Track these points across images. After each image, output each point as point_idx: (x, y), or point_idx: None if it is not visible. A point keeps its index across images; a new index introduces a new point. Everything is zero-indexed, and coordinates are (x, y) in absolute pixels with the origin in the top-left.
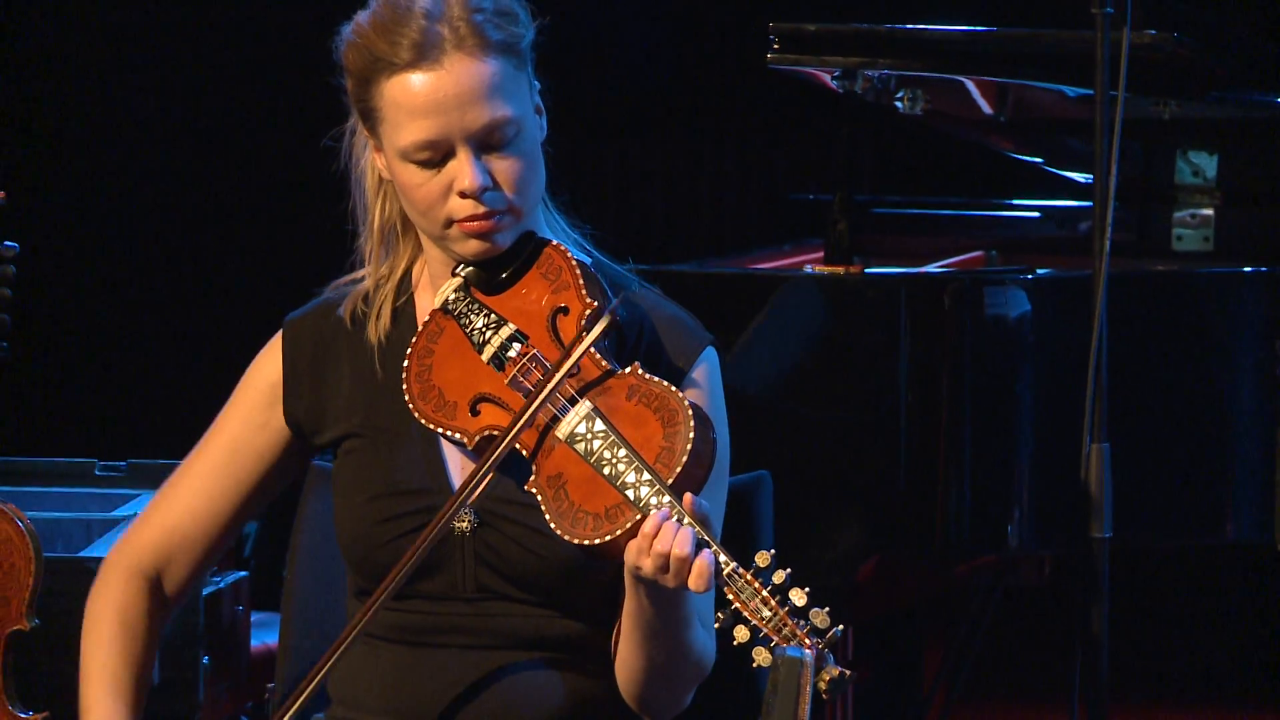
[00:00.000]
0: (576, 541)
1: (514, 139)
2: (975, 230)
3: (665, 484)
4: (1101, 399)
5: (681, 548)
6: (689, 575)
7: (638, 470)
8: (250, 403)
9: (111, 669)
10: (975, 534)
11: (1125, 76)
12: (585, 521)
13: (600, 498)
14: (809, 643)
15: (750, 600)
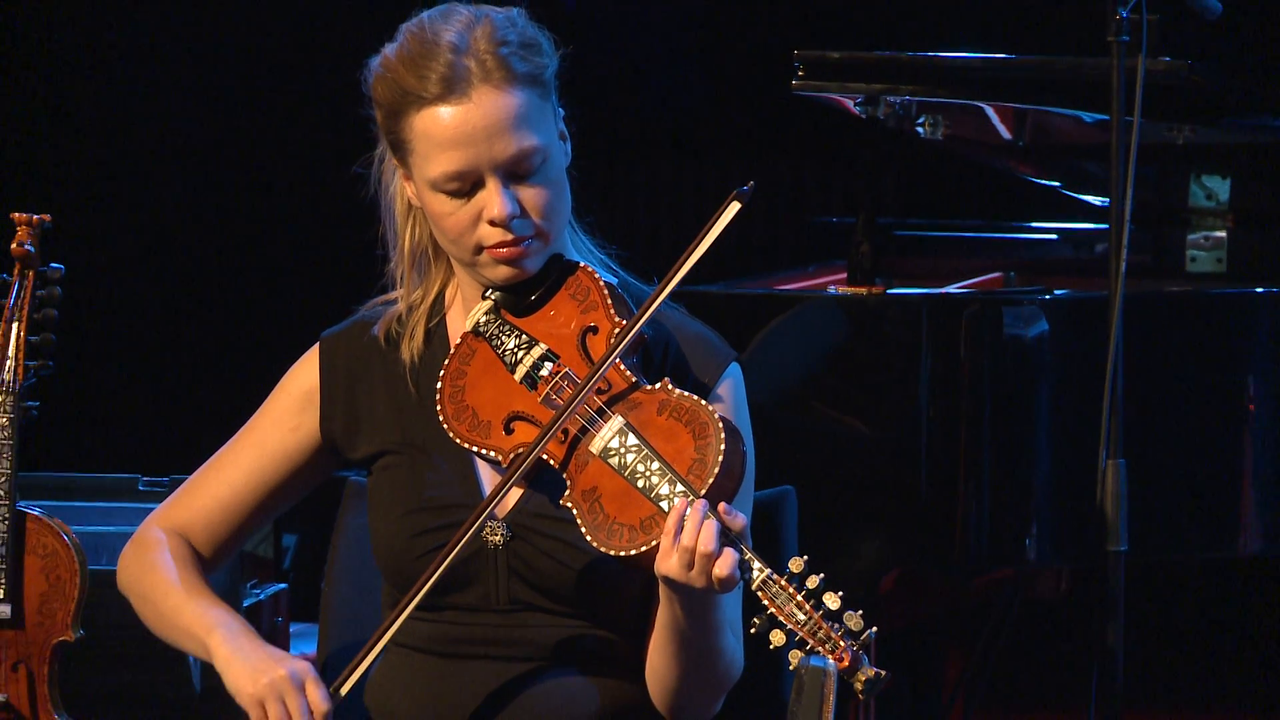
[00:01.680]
0: (613, 553)
1: (541, 167)
2: (994, 252)
3: (699, 495)
4: (1118, 416)
5: (706, 544)
6: (714, 569)
7: (671, 482)
8: (283, 406)
9: (199, 584)
10: (994, 547)
11: (1141, 102)
12: (621, 533)
13: (635, 510)
14: (843, 644)
15: (785, 605)
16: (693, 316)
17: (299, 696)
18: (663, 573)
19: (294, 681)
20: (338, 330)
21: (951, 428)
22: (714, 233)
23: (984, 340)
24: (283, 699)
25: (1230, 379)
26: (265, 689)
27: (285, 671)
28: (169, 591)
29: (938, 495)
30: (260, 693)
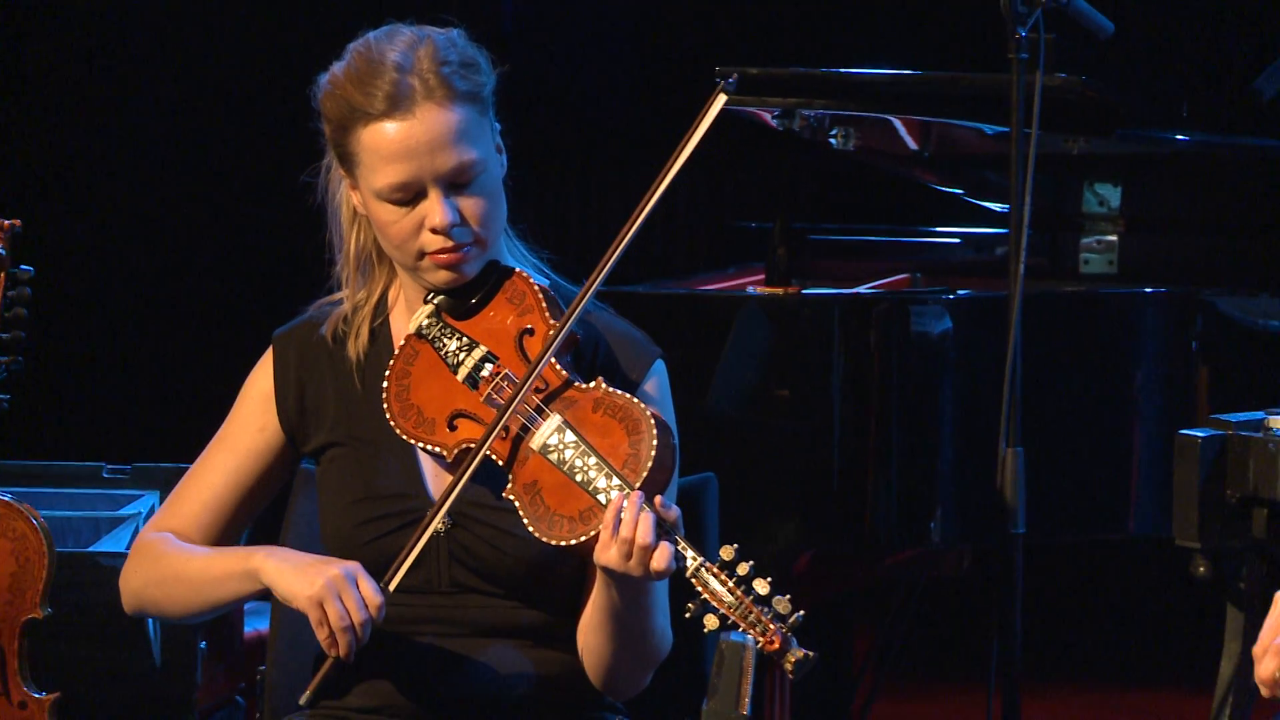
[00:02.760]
0: (554, 543)
1: (479, 178)
2: (901, 255)
3: (634, 488)
4: (1016, 407)
5: (644, 537)
6: (651, 560)
7: (607, 476)
8: (248, 410)
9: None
10: (901, 530)
11: (1038, 115)
12: (561, 524)
13: (574, 502)
14: (773, 627)
15: (718, 591)
16: (620, 316)
17: (354, 591)
18: (602, 563)
19: (348, 578)
20: (288, 329)
21: (862, 419)
22: (705, 123)
23: (892, 337)
24: (340, 595)
25: (1120, 373)
26: (323, 589)
27: (339, 570)
28: (190, 558)
29: (849, 481)
30: (318, 593)
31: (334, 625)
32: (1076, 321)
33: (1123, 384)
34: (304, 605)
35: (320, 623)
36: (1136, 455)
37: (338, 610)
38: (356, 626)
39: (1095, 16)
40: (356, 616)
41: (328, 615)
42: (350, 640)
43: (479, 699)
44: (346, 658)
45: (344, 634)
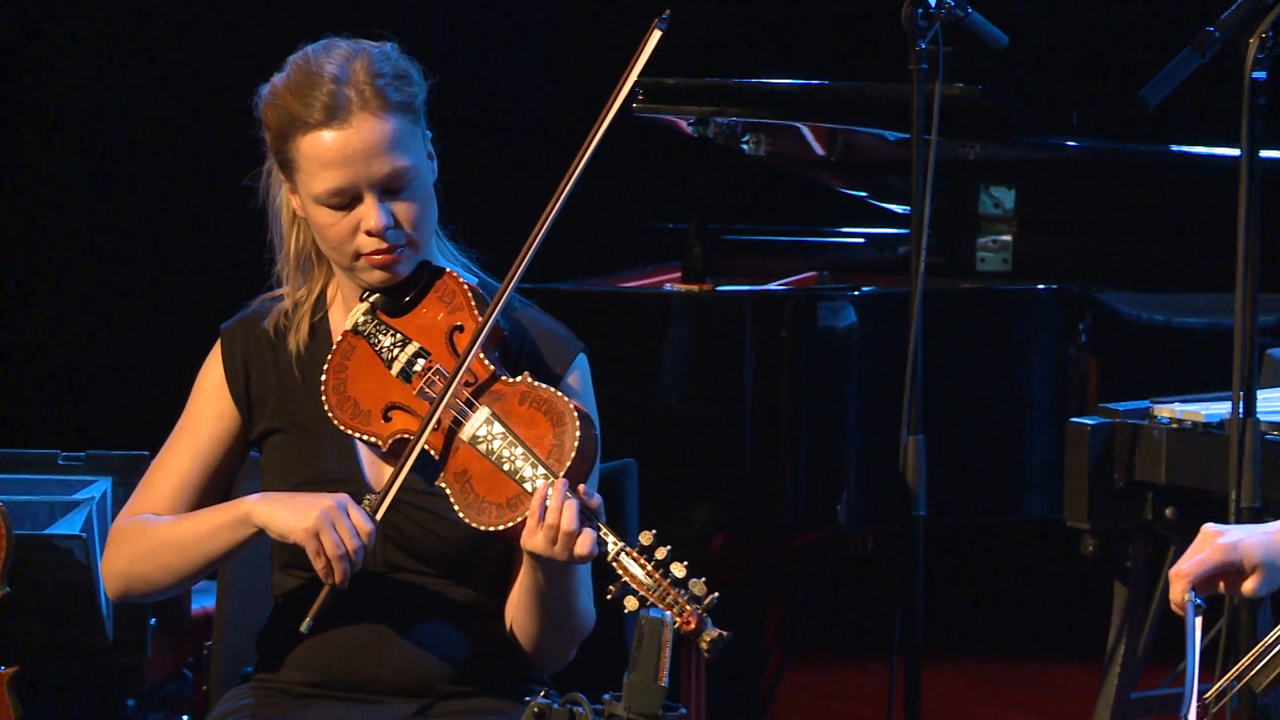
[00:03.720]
0: (483, 528)
1: (412, 184)
2: (810, 254)
3: (558, 476)
4: (917, 397)
5: (568, 524)
6: (575, 546)
7: (533, 465)
8: (204, 401)
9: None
10: (809, 512)
11: (937, 123)
12: (490, 511)
13: (502, 490)
14: (690, 609)
15: (638, 575)
16: (544, 313)
17: (347, 520)
18: (529, 549)
19: (340, 509)
20: (233, 322)
21: (773, 408)
22: (642, 59)
23: (801, 331)
24: (334, 525)
25: (1015, 365)
26: (317, 520)
27: (331, 502)
28: (175, 524)
29: (761, 467)
30: (313, 525)
31: (330, 554)
32: (973, 317)
33: (1017, 375)
34: (301, 538)
35: (317, 553)
36: (1030, 442)
37: (333, 539)
38: (351, 554)
39: (990, 30)
40: (350, 544)
41: (324, 545)
42: (346, 568)
43: (412, 673)
44: (342, 584)
45: (339, 562)
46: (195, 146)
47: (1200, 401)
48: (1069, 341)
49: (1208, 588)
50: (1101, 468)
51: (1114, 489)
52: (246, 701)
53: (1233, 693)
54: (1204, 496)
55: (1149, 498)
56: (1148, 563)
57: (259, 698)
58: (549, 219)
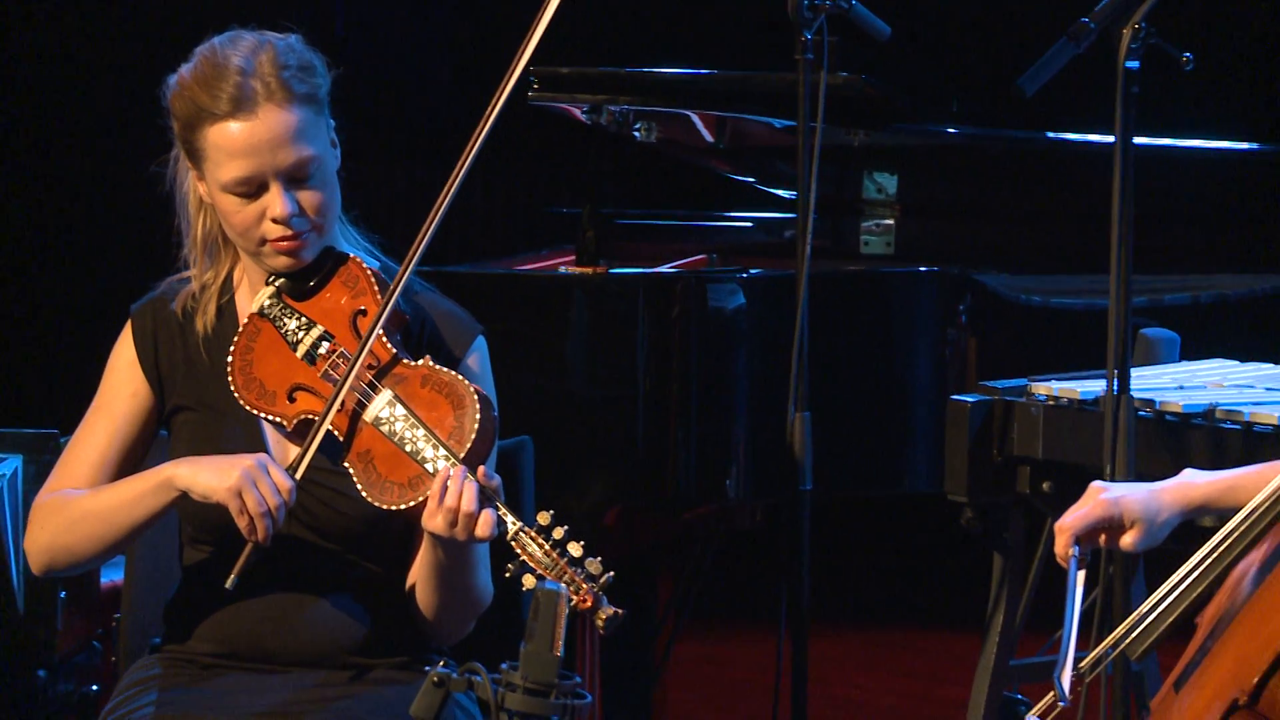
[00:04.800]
0: (385, 507)
1: (316, 172)
2: (700, 237)
3: (458, 458)
4: (803, 375)
5: (468, 505)
6: (475, 527)
7: (434, 447)
8: (117, 380)
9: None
10: (700, 487)
11: (823, 111)
12: (392, 490)
13: (403, 470)
14: (586, 587)
15: (535, 553)
16: (444, 296)
17: (268, 479)
18: (430, 529)
19: (261, 467)
20: (142, 303)
21: (664, 386)
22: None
23: (691, 312)
24: (255, 484)
25: (897, 344)
26: (239, 479)
27: (251, 462)
28: (97, 494)
29: (653, 443)
30: (235, 484)
31: (253, 511)
32: (858, 298)
33: (900, 354)
34: (224, 497)
35: (240, 511)
36: (912, 418)
37: (255, 497)
38: (273, 510)
39: (874, 20)
40: (272, 501)
41: (246, 503)
42: (268, 524)
43: (316, 644)
44: (264, 541)
45: (262, 519)
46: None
47: (1076, 379)
48: (949, 322)
49: (1090, 541)
50: (981, 443)
51: (993, 464)
52: (155, 672)
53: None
54: (1079, 471)
55: (1026, 472)
56: (1025, 535)
57: (166, 668)
58: (444, 204)
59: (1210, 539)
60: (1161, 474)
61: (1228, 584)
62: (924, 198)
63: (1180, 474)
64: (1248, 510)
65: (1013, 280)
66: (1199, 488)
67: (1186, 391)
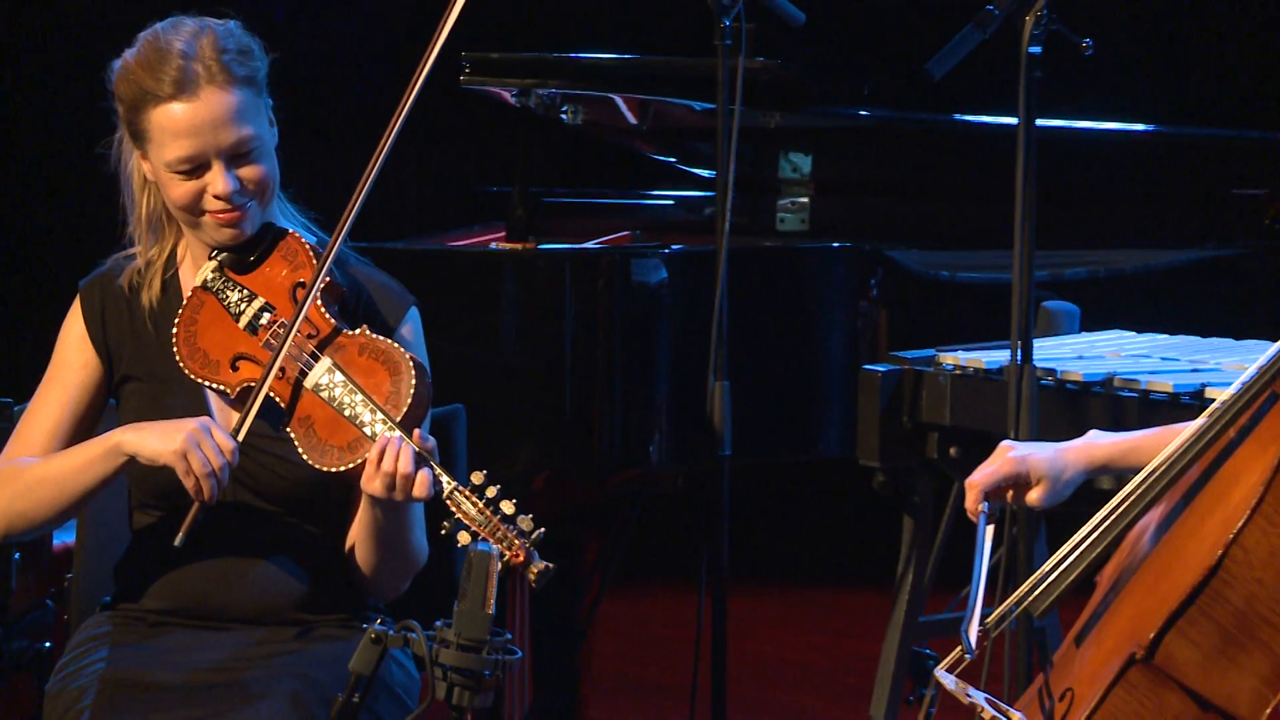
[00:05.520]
0: (326, 469)
1: (255, 150)
2: (624, 215)
3: (395, 421)
4: (723, 346)
5: (405, 468)
6: (412, 488)
7: (372, 411)
8: (68, 352)
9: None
10: (624, 453)
11: (741, 94)
12: (332, 453)
13: (343, 434)
14: (518, 543)
15: (469, 511)
16: (378, 268)
17: (211, 440)
18: (370, 492)
19: (204, 429)
20: (90, 278)
21: (590, 357)
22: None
23: (616, 286)
24: (199, 445)
25: (812, 316)
26: (184, 441)
27: (195, 424)
28: (49, 461)
29: (579, 411)
30: (181, 446)
31: (198, 472)
32: (774, 273)
33: (814, 326)
34: (170, 459)
35: (186, 472)
36: (826, 387)
37: (200, 458)
38: (217, 471)
39: (789, 8)
40: (216, 462)
41: (191, 464)
42: (213, 484)
43: (258, 603)
44: (210, 500)
45: (207, 479)
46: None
47: (981, 350)
48: (861, 295)
49: (998, 497)
50: (891, 411)
51: (903, 430)
52: (105, 629)
53: (1012, 616)
54: (985, 437)
55: (935, 438)
56: (934, 498)
57: (116, 625)
58: (369, 179)
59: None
60: (1062, 439)
61: (1126, 544)
62: (837, 177)
63: (1085, 435)
64: (1146, 472)
65: (922, 255)
66: (1102, 448)
67: (1086, 361)
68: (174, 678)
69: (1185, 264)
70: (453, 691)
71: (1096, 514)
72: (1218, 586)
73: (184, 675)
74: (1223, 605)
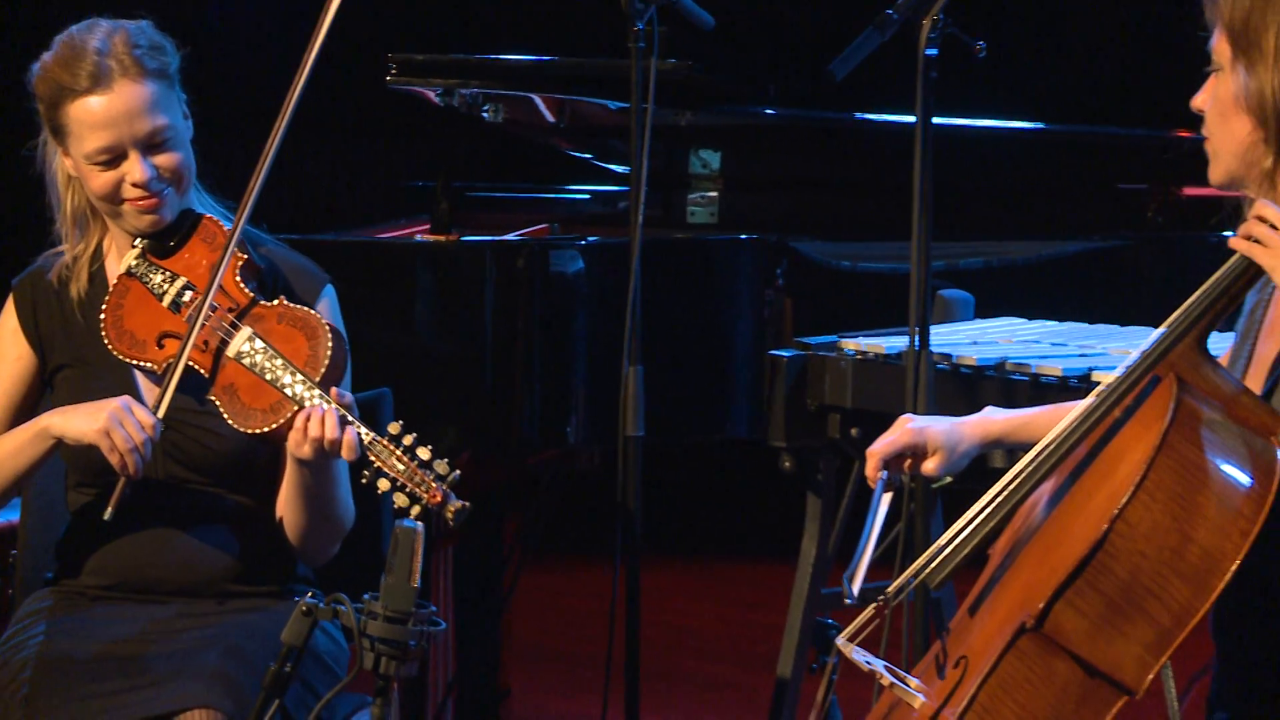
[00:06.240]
0: (251, 431)
1: (170, 140)
2: (543, 208)
3: (315, 382)
4: (636, 333)
5: (331, 431)
6: (339, 446)
7: (292, 374)
8: (4, 345)
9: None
10: (543, 434)
11: (653, 94)
12: (255, 416)
13: (265, 397)
14: (435, 485)
15: (388, 459)
16: (294, 251)
17: (133, 418)
18: (300, 457)
19: (125, 408)
20: (22, 276)
21: (510, 343)
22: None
23: (535, 275)
24: (121, 423)
25: (721, 304)
26: (107, 420)
27: (116, 403)
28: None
29: (500, 395)
30: (104, 425)
31: (121, 448)
32: (685, 263)
33: (723, 313)
34: (95, 438)
35: (111, 449)
36: (735, 372)
37: (122, 435)
38: (139, 446)
39: (699, 12)
40: (138, 437)
41: (115, 441)
42: (136, 459)
43: (193, 574)
44: (135, 475)
45: (130, 454)
46: None
47: (881, 336)
48: (768, 284)
49: (897, 466)
50: (796, 394)
51: (807, 412)
52: (46, 604)
53: (910, 588)
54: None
55: (837, 420)
56: (836, 476)
57: (58, 600)
58: (268, 157)
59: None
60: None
61: (1018, 517)
62: (745, 172)
63: (982, 411)
64: (1037, 450)
65: (825, 247)
66: (997, 423)
67: (980, 346)
68: (106, 649)
69: (1073, 255)
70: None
71: (990, 490)
72: (1103, 559)
73: (116, 647)
74: (1108, 577)
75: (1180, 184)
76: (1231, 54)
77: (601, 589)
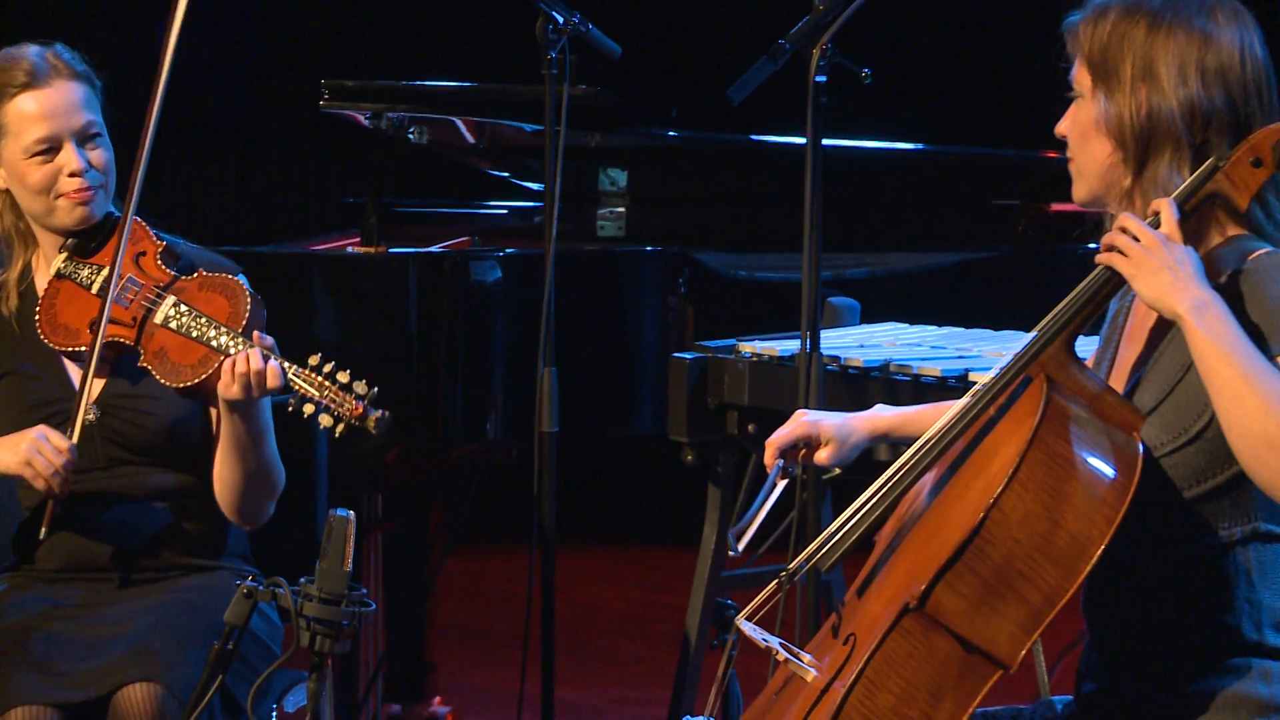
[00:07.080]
0: (184, 385)
1: (102, 136)
2: (464, 223)
3: (238, 332)
4: (551, 337)
5: (256, 364)
6: (266, 381)
7: (216, 329)
8: None
9: None
10: (465, 430)
11: (565, 117)
12: (185, 371)
13: (193, 353)
14: (354, 401)
15: (311, 385)
16: (206, 249)
17: (49, 445)
18: (229, 398)
19: (40, 438)
20: None
21: (434, 347)
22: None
23: (457, 284)
24: (39, 452)
25: (629, 310)
26: (26, 450)
27: (32, 434)
28: None
29: (425, 394)
30: (23, 456)
31: (44, 475)
32: (595, 273)
33: (630, 319)
34: (17, 470)
35: (35, 477)
36: (641, 373)
37: (42, 462)
38: (60, 469)
39: (606, 42)
40: (56, 461)
41: (37, 469)
42: (59, 481)
43: (137, 552)
44: (62, 494)
45: (53, 478)
46: None
47: (775, 339)
48: (671, 292)
49: (792, 456)
50: (697, 393)
51: (708, 410)
52: (2, 588)
53: (803, 571)
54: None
55: (735, 417)
56: (734, 469)
57: (14, 585)
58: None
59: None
60: None
61: (902, 506)
62: (650, 189)
63: (872, 408)
64: (919, 444)
65: (724, 258)
66: (885, 418)
67: (866, 349)
68: (57, 630)
69: (951, 265)
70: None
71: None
72: (980, 545)
73: (64, 627)
74: (984, 561)
75: (1048, 201)
76: (1091, 82)
77: (519, 573)
